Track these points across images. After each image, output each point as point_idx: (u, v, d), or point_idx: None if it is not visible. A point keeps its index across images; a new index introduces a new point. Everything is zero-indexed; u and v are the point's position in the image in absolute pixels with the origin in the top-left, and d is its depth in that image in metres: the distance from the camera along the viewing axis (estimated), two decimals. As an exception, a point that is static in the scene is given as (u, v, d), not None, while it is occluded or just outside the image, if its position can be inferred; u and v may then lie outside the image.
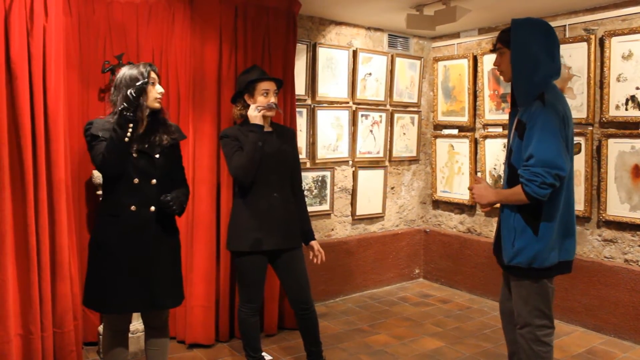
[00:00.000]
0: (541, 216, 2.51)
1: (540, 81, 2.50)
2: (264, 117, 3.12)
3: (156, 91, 2.65)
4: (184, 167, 2.92)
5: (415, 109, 5.49)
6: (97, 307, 2.71)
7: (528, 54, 2.49)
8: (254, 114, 3.02)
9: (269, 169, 3.10)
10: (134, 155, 2.58)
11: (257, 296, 3.19)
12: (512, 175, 2.60)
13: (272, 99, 3.10)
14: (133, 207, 2.59)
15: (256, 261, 3.12)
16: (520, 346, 2.64)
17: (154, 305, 2.67)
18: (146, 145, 2.62)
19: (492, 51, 2.86)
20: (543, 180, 2.39)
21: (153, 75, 2.65)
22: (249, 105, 3.12)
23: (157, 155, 2.65)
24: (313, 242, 3.35)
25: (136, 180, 2.60)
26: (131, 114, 2.46)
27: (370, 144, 5.15)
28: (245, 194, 3.11)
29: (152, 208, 2.62)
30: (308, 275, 3.27)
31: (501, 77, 2.77)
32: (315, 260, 3.34)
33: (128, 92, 2.47)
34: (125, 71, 2.63)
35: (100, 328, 3.60)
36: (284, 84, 3.85)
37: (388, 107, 5.26)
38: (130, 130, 2.48)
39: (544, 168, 2.39)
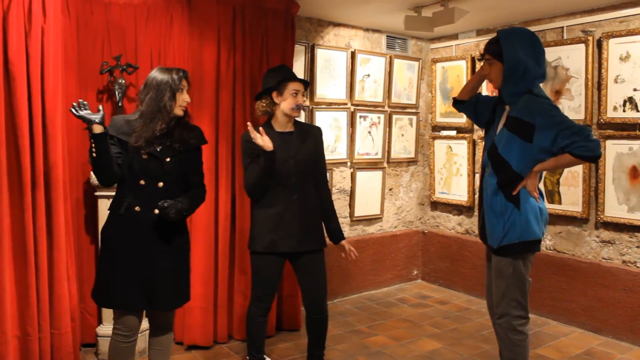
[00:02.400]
0: (519, 192, 2.69)
1: (526, 84, 2.69)
2: (288, 117, 3.13)
3: (183, 99, 2.65)
4: (203, 173, 2.86)
5: (413, 110, 5.49)
6: (98, 301, 2.73)
7: (518, 62, 2.66)
8: (260, 143, 2.93)
9: (288, 172, 3.08)
10: (144, 157, 2.59)
11: (267, 296, 3.18)
12: (497, 165, 2.74)
13: (301, 100, 3.12)
14: (137, 208, 2.60)
15: (270, 262, 3.12)
16: (499, 335, 2.84)
17: (152, 306, 2.67)
18: (158, 149, 2.62)
19: (479, 60, 2.92)
20: (587, 133, 2.53)
21: (184, 83, 2.66)
22: (275, 103, 3.11)
23: (168, 159, 2.64)
24: (343, 242, 3.31)
25: (142, 182, 2.60)
26: (91, 134, 2.41)
27: (369, 145, 5.16)
28: (265, 195, 3.10)
29: (157, 210, 2.59)
30: (326, 279, 3.25)
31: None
32: (348, 258, 3.34)
33: (90, 127, 2.42)
34: (156, 74, 2.62)
35: (99, 329, 3.59)
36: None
37: (386, 108, 5.27)
38: (94, 147, 2.43)
39: (581, 130, 2.54)
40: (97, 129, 2.42)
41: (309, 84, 3.27)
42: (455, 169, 5.30)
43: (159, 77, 2.60)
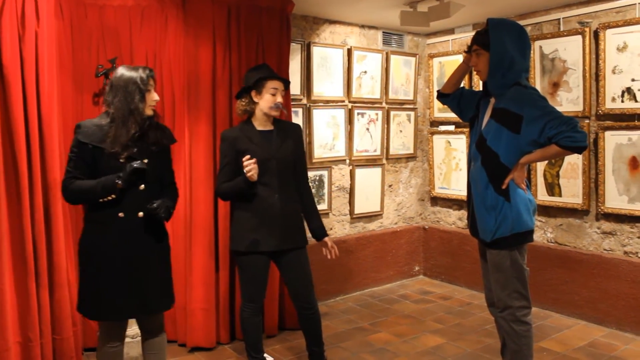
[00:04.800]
0: (508, 185, 2.69)
1: (513, 76, 2.69)
2: (267, 116, 3.13)
3: (151, 98, 2.62)
4: (173, 171, 2.88)
5: (411, 106, 5.48)
6: (91, 315, 2.68)
7: (505, 53, 2.67)
8: (248, 172, 2.94)
9: (270, 171, 3.08)
10: (122, 160, 2.54)
11: (258, 296, 3.17)
12: (487, 158, 2.73)
13: (279, 99, 3.11)
14: (121, 214, 2.55)
15: (254, 261, 3.11)
16: (502, 327, 2.84)
17: (146, 310, 2.64)
18: (134, 150, 2.57)
19: (466, 52, 2.91)
20: (574, 124, 2.52)
21: (151, 82, 2.62)
22: (254, 102, 3.12)
23: (146, 160, 2.60)
24: (326, 239, 3.32)
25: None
26: (119, 189, 2.51)
27: (367, 142, 5.14)
28: (246, 196, 3.09)
29: (141, 214, 2.58)
30: (312, 275, 3.25)
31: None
32: (328, 256, 3.32)
33: (117, 179, 2.49)
34: (123, 72, 2.58)
35: (100, 333, 3.59)
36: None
37: (384, 104, 5.26)
38: (109, 198, 2.50)
39: (568, 121, 2.54)
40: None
41: (289, 83, 3.26)
42: (455, 164, 5.29)
43: (126, 78, 2.55)
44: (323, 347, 3.32)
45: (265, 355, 3.35)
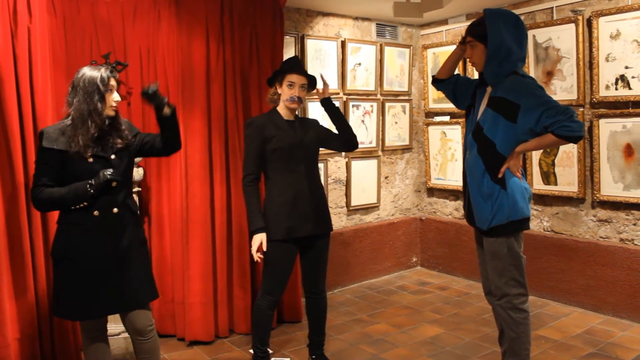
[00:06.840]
0: (505, 174, 2.70)
1: (510, 66, 2.69)
2: (289, 109, 3.19)
3: (113, 99, 2.57)
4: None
5: (406, 98, 5.48)
6: (72, 317, 2.65)
7: (502, 44, 2.66)
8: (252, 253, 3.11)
9: (296, 159, 3.15)
10: (90, 160, 2.51)
11: (279, 289, 3.20)
12: (483, 146, 2.74)
13: (296, 92, 3.15)
14: (96, 212, 2.53)
15: (287, 250, 3.14)
16: (500, 315, 2.85)
17: (129, 305, 2.61)
18: (100, 148, 2.55)
19: (461, 43, 2.90)
20: (571, 114, 2.53)
21: (113, 82, 2.58)
22: (278, 93, 3.22)
23: (113, 157, 2.59)
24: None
25: None
26: (90, 198, 2.49)
27: (363, 134, 5.14)
28: (274, 184, 3.16)
29: (115, 210, 2.56)
30: (327, 263, 3.36)
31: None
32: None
33: (88, 187, 2.47)
34: (84, 72, 2.54)
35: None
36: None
37: (379, 96, 5.26)
38: (81, 205, 2.50)
39: (565, 111, 2.55)
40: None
41: (312, 77, 3.25)
42: (450, 155, 5.30)
43: (86, 79, 2.51)
44: (324, 337, 3.37)
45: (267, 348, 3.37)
